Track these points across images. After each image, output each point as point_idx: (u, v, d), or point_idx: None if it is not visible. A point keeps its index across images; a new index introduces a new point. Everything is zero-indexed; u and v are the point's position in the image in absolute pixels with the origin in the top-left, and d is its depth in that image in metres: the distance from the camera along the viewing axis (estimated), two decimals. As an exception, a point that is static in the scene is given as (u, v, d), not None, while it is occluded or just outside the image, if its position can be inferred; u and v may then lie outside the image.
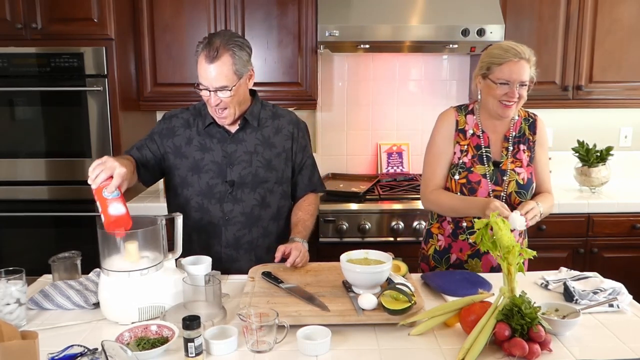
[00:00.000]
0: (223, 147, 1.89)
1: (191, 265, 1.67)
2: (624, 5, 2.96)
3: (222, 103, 1.77)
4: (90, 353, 1.24)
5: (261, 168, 1.90)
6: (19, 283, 1.48)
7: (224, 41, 1.73)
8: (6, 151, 2.76)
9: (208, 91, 1.76)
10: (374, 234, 2.80)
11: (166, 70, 2.99)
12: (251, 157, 1.89)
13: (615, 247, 2.89)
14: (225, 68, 1.73)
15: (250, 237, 1.92)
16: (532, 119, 2.00)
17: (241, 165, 1.89)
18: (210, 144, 1.89)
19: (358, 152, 3.41)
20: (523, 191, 1.92)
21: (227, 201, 1.89)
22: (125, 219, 1.51)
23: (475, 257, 1.96)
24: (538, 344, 1.28)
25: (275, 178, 1.93)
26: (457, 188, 1.94)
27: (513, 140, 1.95)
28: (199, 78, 1.77)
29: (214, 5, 2.92)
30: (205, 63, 1.73)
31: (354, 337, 1.41)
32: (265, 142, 1.92)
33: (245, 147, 1.89)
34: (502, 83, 1.83)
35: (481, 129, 1.96)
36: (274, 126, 1.94)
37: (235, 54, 1.74)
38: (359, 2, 2.84)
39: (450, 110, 2.02)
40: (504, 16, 2.87)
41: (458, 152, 1.96)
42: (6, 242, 2.83)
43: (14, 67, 2.68)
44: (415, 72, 3.36)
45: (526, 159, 1.95)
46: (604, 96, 3.07)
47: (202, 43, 1.76)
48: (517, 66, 1.82)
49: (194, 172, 1.89)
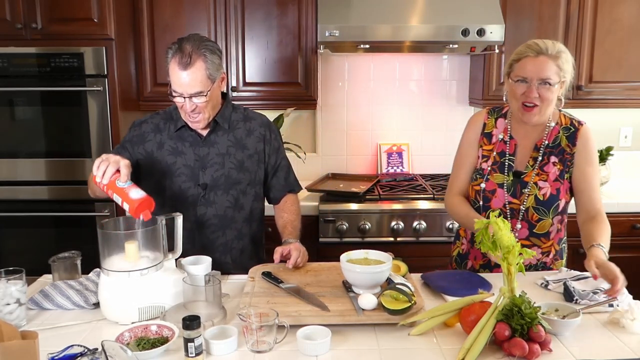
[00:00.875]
0: (195, 151, 1.88)
1: (191, 265, 1.67)
2: (624, 5, 2.96)
3: (197, 108, 1.77)
4: (90, 353, 1.24)
5: (234, 169, 1.90)
6: (19, 283, 1.48)
7: (195, 46, 1.73)
8: (6, 151, 2.76)
9: (182, 97, 1.75)
10: (374, 234, 2.80)
11: (166, 71, 2.98)
12: (223, 158, 1.89)
13: (615, 247, 2.84)
14: (199, 74, 1.72)
15: (224, 239, 1.92)
16: (574, 128, 1.81)
17: (214, 167, 1.88)
18: (182, 147, 1.88)
19: (358, 152, 3.41)
20: (543, 208, 1.77)
21: (200, 204, 1.88)
22: (148, 200, 1.54)
23: (486, 268, 1.90)
24: (538, 344, 1.28)
25: (248, 179, 1.92)
26: (473, 194, 1.88)
27: (544, 151, 1.79)
28: (173, 85, 1.75)
29: (214, 5, 2.92)
30: (178, 70, 1.72)
31: (354, 337, 1.41)
32: (238, 143, 1.92)
33: (218, 150, 1.89)
34: (519, 80, 1.72)
35: (509, 134, 1.84)
36: (245, 128, 1.94)
37: (207, 58, 1.74)
38: (359, 2, 2.84)
39: (481, 112, 1.93)
40: (504, 16, 2.87)
41: (480, 157, 1.87)
42: (6, 242, 2.83)
43: (14, 67, 2.68)
44: (415, 72, 3.36)
45: (555, 173, 1.77)
46: (604, 96, 3.07)
47: (172, 49, 1.75)
48: (535, 62, 1.69)
49: (166, 176, 1.88)
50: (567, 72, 1.73)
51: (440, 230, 2.80)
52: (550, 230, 1.82)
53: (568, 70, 1.73)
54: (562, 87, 1.75)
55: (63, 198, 2.79)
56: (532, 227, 1.78)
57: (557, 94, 1.74)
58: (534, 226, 1.78)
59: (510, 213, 1.81)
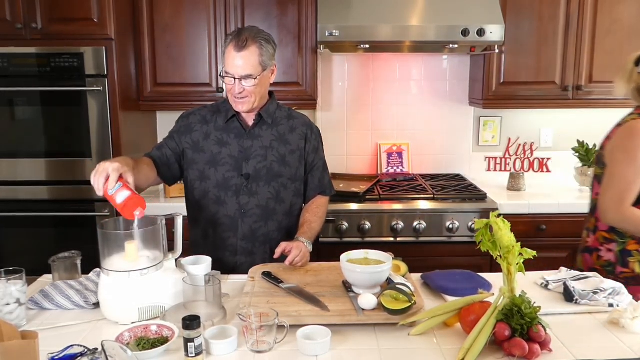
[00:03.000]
0: (240, 142, 1.94)
1: (191, 265, 1.67)
2: (624, 5, 2.96)
3: (244, 92, 1.84)
4: (90, 353, 1.24)
5: (275, 162, 1.95)
6: (19, 283, 1.48)
7: (252, 34, 1.83)
8: (6, 151, 2.76)
9: (233, 79, 1.82)
10: (374, 234, 2.80)
11: (166, 70, 2.99)
12: (266, 151, 1.95)
13: (615, 247, 2.88)
14: (252, 58, 1.81)
15: (266, 229, 1.97)
16: None
17: (256, 159, 1.94)
18: (227, 138, 1.95)
19: (358, 152, 3.41)
20: None
21: (243, 194, 1.94)
22: (133, 199, 1.54)
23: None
24: (538, 344, 1.28)
25: (289, 174, 1.98)
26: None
27: None
28: (226, 66, 1.84)
29: (214, 5, 2.92)
30: (233, 51, 1.80)
31: (354, 337, 1.41)
32: (281, 138, 1.98)
33: (261, 142, 1.95)
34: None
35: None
36: (288, 125, 2.01)
37: (262, 46, 1.83)
38: (359, 2, 2.84)
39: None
40: (504, 16, 2.87)
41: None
42: (6, 242, 2.83)
43: (14, 67, 2.68)
44: (415, 72, 3.36)
45: None
46: (604, 96, 3.06)
47: (231, 35, 1.85)
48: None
49: (211, 165, 1.94)
50: None
51: (440, 230, 2.80)
52: None
53: None
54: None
55: (63, 198, 2.79)
56: None
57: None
58: None
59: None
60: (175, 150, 1.97)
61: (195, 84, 3.00)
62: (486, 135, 3.41)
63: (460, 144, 3.41)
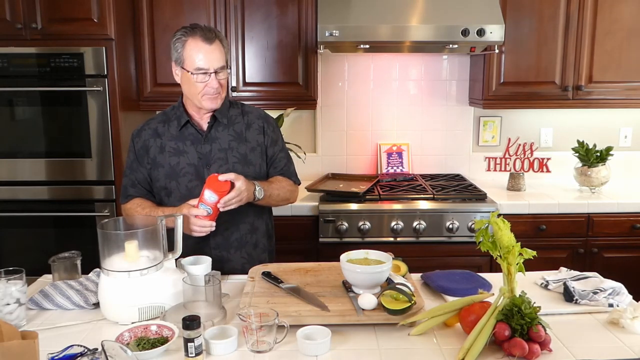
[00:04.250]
0: (197, 149, 1.88)
1: (191, 265, 1.67)
2: (624, 5, 2.96)
3: (220, 86, 1.81)
4: (90, 353, 1.24)
5: (237, 164, 1.89)
6: (19, 283, 1.48)
7: (208, 28, 1.82)
8: (6, 151, 2.76)
9: (208, 74, 1.78)
10: (374, 234, 2.80)
11: (166, 70, 2.98)
12: (226, 153, 1.89)
13: (615, 247, 2.89)
14: (220, 49, 1.81)
15: (238, 234, 1.93)
16: None
17: (217, 163, 1.88)
18: (183, 147, 1.89)
19: (358, 152, 3.41)
20: None
21: None
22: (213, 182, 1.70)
23: None
24: (538, 344, 1.28)
25: (253, 172, 1.91)
26: None
27: None
28: (197, 62, 1.77)
29: (214, 5, 2.92)
30: (203, 44, 1.77)
31: (354, 337, 1.41)
32: (239, 137, 1.92)
33: (220, 145, 1.89)
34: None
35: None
36: (244, 122, 1.95)
37: (222, 39, 1.83)
38: (359, 2, 2.84)
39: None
40: (504, 16, 2.87)
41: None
42: (6, 242, 2.83)
43: (14, 67, 2.68)
44: (415, 72, 3.36)
45: None
46: (603, 96, 3.07)
47: (186, 32, 1.80)
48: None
49: (171, 178, 1.88)
50: None
51: (440, 230, 2.80)
52: None
53: None
54: None
55: (63, 198, 2.79)
56: None
57: None
58: None
59: None
60: (146, 178, 1.91)
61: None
62: (486, 135, 3.41)
63: (460, 144, 3.41)
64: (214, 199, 1.70)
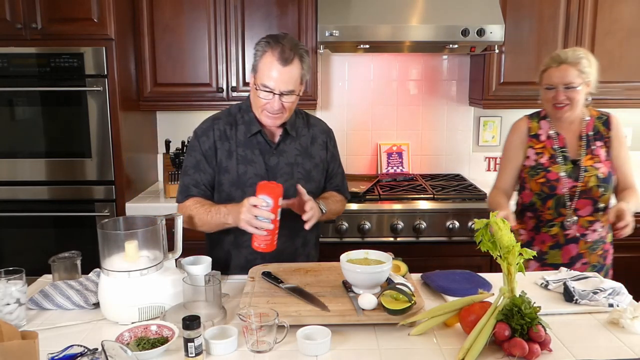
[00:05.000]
0: (265, 160, 1.83)
1: (191, 265, 1.67)
2: (624, 5, 2.96)
3: (282, 108, 1.72)
4: (90, 353, 1.23)
5: (302, 179, 1.86)
6: (19, 283, 1.48)
7: (293, 45, 1.70)
8: (6, 151, 2.76)
9: (272, 94, 1.69)
10: (374, 234, 2.80)
11: (166, 70, 2.99)
12: (292, 168, 1.86)
13: (615, 247, 2.88)
14: (296, 72, 1.70)
15: (292, 248, 1.90)
16: (606, 116, 2.15)
17: (283, 177, 1.83)
18: (252, 155, 1.82)
19: (358, 152, 3.41)
20: (604, 184, 2.05)
21: None
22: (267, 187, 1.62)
23: (555, 247, 2.13)
24: (538, 344, 1.28)
25: (313, 189, 1.88)
26: (537, 188, 2.12)
27: (588, 139, 2.10)
28: (264, 79, 1.69)
29: (214, 5, 2.92)
30: (278, 64, 1.67)
31: (354, 337, 1.41)
32: (304, 152, 1.89)
33: (287, 159, 1.85)
34: (548, 88, 2.05)
35: (555, 131, 2.13)
36: (309, 135, 1.91)
37: (303, 58, 1.72)
38: (359, 2, 2.84)
39: (522, 119, 2.22)
40: (504, 16, 2.87)
41: (533, 156, 2.14)
42: (6, 242, 2.83)
43: (14, 67, 2.68)
44: (415, 72, 3.36)
45: (604, 154, 2.09)
46: (603, 96, 3.06)
47: (268, 43, 1.70)
48: (558, 71, 2.01)
49: (237, 187, 1.82)
50: (590, 73, 2.03)
51: (441, 230, 2.80)
52: (608, 205, 2.11)
53: (590, 72, 2.03)
54: (588, 86, 2.05)
55: (63, 198, 2.79)
56: (596, 203, 2.08)
57: (584, 92, 2.05)
58: (597, 202, 2.07)
59: (577, 194, 2.07)
60: (210, 181, 1.83)
61: (195, 84, 3.00)
62: (486, 135, 3.41)
63: (460, 144, 3.41)
64: (270, 202, 1.60)
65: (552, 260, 2.12)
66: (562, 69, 2.01)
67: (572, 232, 2.11)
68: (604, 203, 2.10)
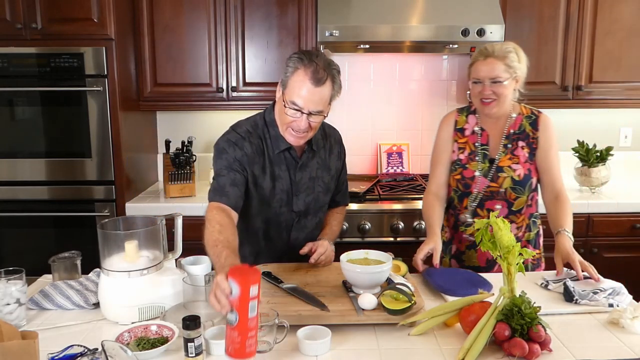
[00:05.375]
0: (291, 175, 1.82)
1: (191, 265, 1.67)
2: (624, 5, 2.96)
3: (308, 127, 1.68)
4: (90, 353, 1.24)
5: (321, 193, 1.89)
6: (19, 283, 1.48)
7: (326, 65, 1.65)
8: (6, 151, 2.76)
9: (300, 113, 1.64)
10: (374, 234, 2.80)
11: (166, 70, 2.99)
12: (314, 182, 1.86)
13: (615, 247, 2.88)
14: (326, 93, 1.65)
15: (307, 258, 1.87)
16: (535, 116, 2.02)
17: (305, 192, 1.85)
18: (279, 171, 1.80)
19: (358, 152, 3.41)
20: (519, 187, 1.96)
21: (293, 230, 1.88)
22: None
23: (471, 248, 2.03)
24: (538, 344, 1.28)
25: (328, 199, 1.96)
26: (454, 184, 2.04)
27: (511, 138, 1.99)
28: (294, 97, 1.63)
29: (214, 5, 2.92)
30: (310, 84, 1.61)
31: (354, 337, 1.41)
32: (324, 165, 1.89)
33: (309, 173, 1.85)
34: (475, 82, 1.94)
35: (480, 127, 2.03)
36: (327, 147, 1.91)
37: (335, 79, 1.67)
38: (359, 2, 2.84)
39: (451, 112, 2.12)
40: (504, 16, 2.87)
41: (456, 150, 2.05)
42: (6, 242, 2.83)
43: (14, 67, 2.68)
44: (415, 72, 3.36)
45: (525, 156, 1.97)
46: (603, 96, 3.07)
47: (300, 60, 1.64)
48: (484, 64, 1.90)
49: (265, 202, 1.81)
50: (518, 69, 1.92)
51: (440, 230, 2.79)
52: (524, 207, 1.99)
53: (519, 67, 1.92)
54: (517, 82, 1.94)
55: (63, 198, 2.79)
56: (511, 205, 1.97)
57: (511, 88, 1.93)
58: (512, 204, 1.97)
59: (491, 195, 1.98)
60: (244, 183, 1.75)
61: (195, 84, 3.00)
62: (486, 135, 3.40)
63: (460, 144, 3.41)
64: (236, 292, 1.23)
65: (469, 262, 2.03)
66: (488, 62, 1.89)
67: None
68: (519, 206, 1.97)
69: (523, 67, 1.94)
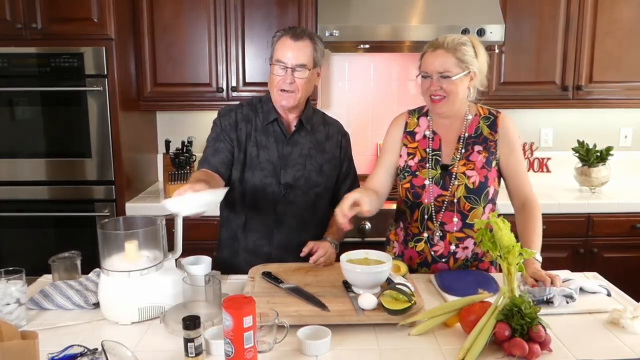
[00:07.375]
0: (279, 148, 1.90)
1: (191, 265, 1.67)
2: (623, 5, 2.96)
3: (294, 84, 1.80)
4: (90, 353, 1.24)
5: (313, 172, 1.93)
6: (19, 283, 1.48)
7: (307, 30, 1.85)
8: (6, 151, 2.77)
9: (285, 69, 1.79)
10: (374, 234, 2.80)
11: (166, 70, 2.99)
12: (305, 160, 1.92)
13: (615, 247, 2.89)
14: (307, 50, 1.80)
15: (299, 240, 1.89)
16: (494, 117, 1.82)
17: (295, 167, 1.91)
18: (266, 142, 1.90)
19: (358, 152, 3.38)
20: (473, 196, 1.78)
21: (280, 203, 1.90)
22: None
23: (424, 266, 1.86)
24: (538, 344, 1.28)
25: (324, 184, 1.96)
26: (403, 194, 1.87)
27: (466, 142, 1.81)
28: (278, 56, 1.80)
29: (214, 5, 2.92)
30: (289, 40, 1.79)
31: (354, 337, 1.41)
32: (319, 146, 1.95)
33: (300, 150, 1.92)
34: (423, 76, 1.77)
35: (432, 130, 1.85)
36: (324, 132, 1.98)
37: (316, 42, 1.83)
38: (359, 2, 2.84)
39: (402, 114, 1.98)
40: (504, 16, 2.87)
41: (405, 155, 1.87)
42: (6, 242, 2.83)
43: (14, 67, 2.68)
44: (415, 72, 3.33)
45: (481, 161, 1.78)
46: (604, 96, 3.07)
47: (283, 30, 1.84)
48: (432, 56, 1.73)
49: (248, 168, 1.90)
50: (472, 64, 1.72)
51: (440, 230, 2.79)
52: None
53: (474, 63, 1.72)
54: (472, 79, 1.75)
55: (63, 198, 2.79)
56: (465, 218, 1.79)
57: (464, 85, 1.74)
58: (466, 216, 1.78)
59: (443, 206, 1.80)
60: (231, 151, 1.89)
61: (195, 84, 3.00)
62: (486, 135, 3.40)
63: (460, 144, 3.41)
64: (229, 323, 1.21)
65: None
66: (437, 54, 1.71)
67: (439, 249, 1.82)
68: (473, 220, 1.78)
69: (481, 63, 1.74)
